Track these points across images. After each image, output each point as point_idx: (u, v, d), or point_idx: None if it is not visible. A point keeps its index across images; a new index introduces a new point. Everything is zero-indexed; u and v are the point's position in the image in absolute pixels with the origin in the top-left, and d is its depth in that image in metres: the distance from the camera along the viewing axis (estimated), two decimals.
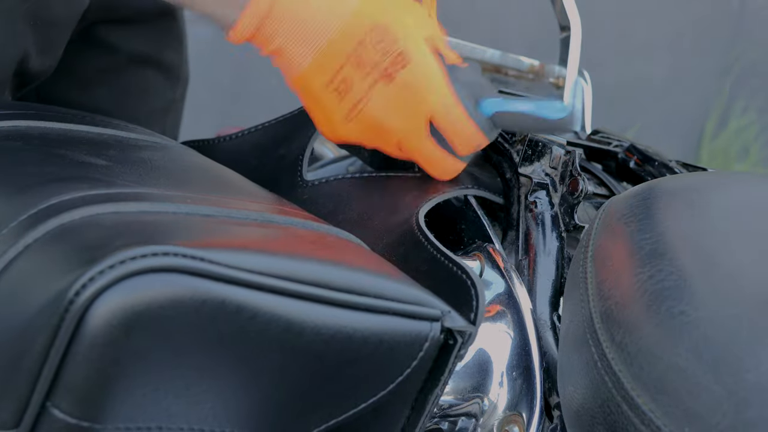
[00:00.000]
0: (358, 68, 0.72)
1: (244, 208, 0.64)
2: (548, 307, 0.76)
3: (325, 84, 0.73)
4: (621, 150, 0.89)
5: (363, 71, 0.73)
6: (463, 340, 0.61)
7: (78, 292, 0.50)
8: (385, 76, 0.73)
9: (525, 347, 0.72)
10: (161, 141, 0.79)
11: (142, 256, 0.51)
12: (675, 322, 0.58)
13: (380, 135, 0.75)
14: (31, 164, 0.64)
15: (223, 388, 0.55)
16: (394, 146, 0.76)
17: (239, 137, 0.88)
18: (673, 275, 0.61)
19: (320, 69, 0.73)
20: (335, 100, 0.74)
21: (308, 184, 0.81)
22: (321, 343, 0.57)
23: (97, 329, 0.50)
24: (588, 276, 0.66)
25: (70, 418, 0.51)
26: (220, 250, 0.54)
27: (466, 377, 0.72)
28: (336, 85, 0.73)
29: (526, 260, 0.77)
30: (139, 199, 0.59)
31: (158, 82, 1.04)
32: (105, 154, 0.69)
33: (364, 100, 0.73)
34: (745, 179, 0.77)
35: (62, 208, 0.57)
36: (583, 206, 0.81)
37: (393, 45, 0.72)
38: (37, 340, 0.51)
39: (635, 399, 0.57)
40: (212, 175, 0.74)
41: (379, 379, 0.60)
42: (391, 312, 0.59)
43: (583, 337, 0.63)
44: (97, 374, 0.51)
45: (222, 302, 0.53)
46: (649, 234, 0.65)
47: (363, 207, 0.78)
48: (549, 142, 0.80)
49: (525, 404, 0.71)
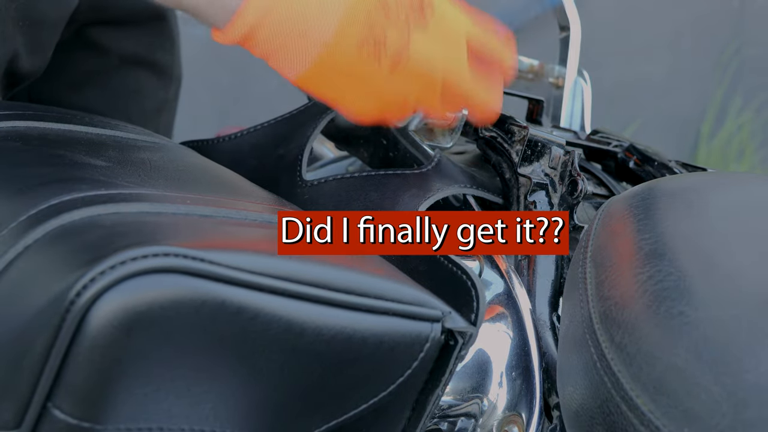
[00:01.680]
0: (389, 22, 0.71)
1: (244, 209, 0.64)
2: (547, 308, 0.76)
3: (357, 48, 0.71)
4: (620, 150, 0.89)
5: (394, 24, 0.71)
6: (464, 340, 0.61)
7: (79, 292, 0.50)
8: (418, 21, 0.72)
9: (524, 348, 0.72)
10: (160, 141, 0.79)
11: (142, 257, 0.51)
12: (674, 322, 0.58)
13: (425, 80, 0.73)
14: (30, 165, 0.64)
15: (224, 388, 0.55)
16: (438, 91, 0.75)
17: (238, 137, 0.88)
18: (672, 276, 0.61)
19: (345, 37, 0.70)
20: (374, 60, 0.71)
21: (308, 184, 0.81)
22: (322, 344, 0.57)
23: (98, 330, 0.50)
24: (587, 276, 0.66)
25: (71, 419, 0.51)
26: (221, 251, 0.54)
27: (466, 378, 0.72)
28: (369, 47, 0.71)
29: (525, 260, 0.78)
30: (139, 200, 0.59)
31: (150, 83, 1.04)
32: (104, 154, 0.69)
33: (405, 48, 0.72)
34: (744, 179, 0.77)
35: (62, 208, 0.57)
36: (582, 206, 0.81)
37: None
38: (38, 341, 0.51)
39: (634, 399, 0.57)
40: (211, 176, 0.74)
41: (380, 379, 0.60)
42: (391, 313, 0.59)
43: (582, 338, 0.63)
44: (98, 375, 0.51)
45: (222, 303, 0.53)
46: (648, 234, 0.65)
47: (363, 206, 0.78)
48: (548, 142, 0.80)
49: (524, 404, 0.71)
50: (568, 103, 0.97)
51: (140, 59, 1.01)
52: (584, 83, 0.98)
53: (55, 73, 0.95)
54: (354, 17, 0.70)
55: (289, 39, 0.70)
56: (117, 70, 1.00)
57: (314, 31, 0.70)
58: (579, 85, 0.97)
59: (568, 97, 0.97)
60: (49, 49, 0.90)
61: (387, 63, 0.71)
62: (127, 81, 1.02)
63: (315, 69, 0.71)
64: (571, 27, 0.96)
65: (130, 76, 1.02)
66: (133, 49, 1.00)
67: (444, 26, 0.73)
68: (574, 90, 0.97)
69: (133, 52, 1.00)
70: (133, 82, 1.02)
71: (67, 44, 0.95)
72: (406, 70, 0.72)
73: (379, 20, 0.71)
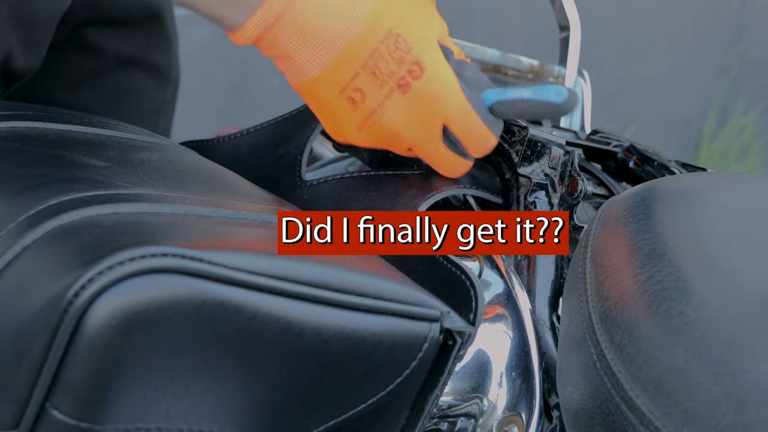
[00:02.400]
0: (373, 77, 0.71)
1: (243, 209, 0.64)
2: (547, 308, 0.76)
3: (338, 92, 0.72)
4: (620, 150, 0.89)
5: (378, 81, 0.71)
6: (463, 340, 0.61)
7: (77, 293, 0.50)
8: (400, 86, 0.72)
9: (524, 348, 0.72)
10: (160, 141, 0.79)
11: (141, 257, 0.51)
12: (674, 322, 0.58)
13: (393, 142, 0.75)
14: (29, 165, 0.64)
15: (222, 388, 0.55)
16: (404, 150, 0.76)
17: (238, 137, 0.88)
18: (672, 276, 0.61)
19: (332, 77, 0.71)
20: (349, 109, 0.73)
21: (307, 184, 0.81)
22: (320, 344, 0.57)
23: (96, 330, 0.50)
24: (587, 276, 0.66)
25: (69, 419, 0.51)
26: (219, 251, 0.54)
27: (465, 378, 0.72)
28: (349, 94, 0.72)
29: (525, 261, 0.77)
30: (137, 200, 0.59)
31: (147, 84, 1.04)
32: (103, 155, 0.69)
33: (379, 110, 0.72)
34: (744, 179, 0.77)
35: (61, 209, 0.56)
36: (582, 206, 0.81)
37: (408, 53, 0.71)
38: (36, 341, 0.51)
39: (634, 399, 0.57)
40: (211, 176, 0.74)
41: (379, 379, 0.60)
42: (390, 313, 0.59)
43: (582, 338, 0.63)
44: (96, 375, 0.51)
45: (221, 303, 0.53)
46: (648, 234, 0.65)
47: (362, 206, 0.78)
48: (548, 142, 0.80)
49: (524, 405, 0.71)
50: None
51: (136, 60, 1.01)
52: (584, 83, 0.98)
53: (50, 74, 0.95)
54: (349, 57, 0.71)
55: (305, 40, 0.70)
56: (112, 70, 1.00)
57: (331, 34, 0.70)
58: (579, 85, 0.98)
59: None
60: (43, 48, 0.90)
61: (360, 116, 0.73)
62: (124, 82, 1.01)
63: (309, 86, 0.72)
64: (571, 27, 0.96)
65: (126, 77, 1.01)
66: (129, 49, 1.00)
67: (422, 104, 0.73)
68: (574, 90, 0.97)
69: (128, 53, 1.00)
70: (129, 83, 1.02)
71: (62, 44, 0.94)
72: (375, 128, 0.74)
73: (366, 75, 0.71)
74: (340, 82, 0.72)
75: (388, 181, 0.79)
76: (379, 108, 0.72)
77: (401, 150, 0.76)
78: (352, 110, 0.73)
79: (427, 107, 0.73)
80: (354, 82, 0.71)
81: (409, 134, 0.74)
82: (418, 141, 0.74)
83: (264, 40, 0.71)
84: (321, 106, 0.74)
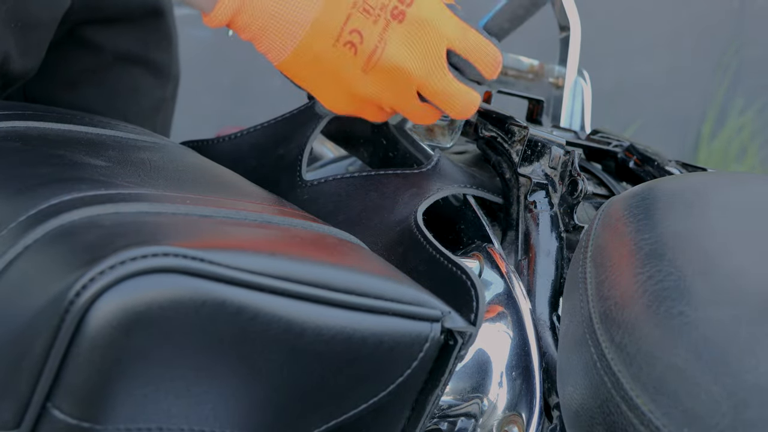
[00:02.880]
0: (366, 15, 0.71)
1: (243, 209, 0.64)
2: (548, 308, 0.76)
3: (334, 41, 0.72)
4: (620, 150, 0.89)
5: (372, 16, 0.71)
6: (464, 340, 0.61)
7: (78, 292, 0.50)
8: (395, 16, 0.71)
9: (524, 347, 0.72)
10: (160, 141, 0.79)
11: (142, 257, 0.51)
12: (674, 322, 0.58)
13: (401, 80, 0.74)
14: (30, 165, 0.64)
15: (224, 388, 0.55)
16: (413, 93, 0.75)
17: (238, 137, 0.88)
18: (672, 276, 0.61)
19: (325, 27, 0.71)
20: (349, 55, 0.72)
21: (307, 184, 0.81)
22: (321, 344, 0.57)
23: (98, 330, 0.50)
24: (587, 276, 0.66)
25: (70, 419, 0.51)
26: (220, 251, 0.54)
27: (466, 377, 0.72)
28: (346, 38, 0.71)
29: (525, 260, 0.77)
30: (138, 200, 0.59)
31: (147, 82, 1.03)
32: (104, 154, 0.69)
33: (380, 45, 0.72)
34: (744, 179, 0.77)
35: (62, 208, 0.57)
36: (582, 206, 0.81)
37: None
38: (38, 341, 0.51)
39: (634, 399, 0.57)
40: (211, 176, 0.74)
41: (380, 379, 0.60)
42: (391, 313, 0.59)
43: (582, 338, 0.63)
44: (98, 375, 0.51)
45: (222, 303, 0.53)
46: (648, 234, 0.65)
47: (362, 206, 0.78)
48: (548, 142, 0.80)
49: (524, 404, 0.71)
50: (568, 103, 0.97)
51: (135, 57, 1.01)
52: (584, 83, 0.98)
53: (49, 72, 0.95)
54: (334, 7, 0.70)
55: (271, 22, 0.70)
56: (112, 68, 1.00)
57: (294, 16, 0.71)
58: (579, 85, 0.98)
59: (568, 97, 0.97)
60: (42, 50, 0.90)
61: (362, 59, 0.72)
62: (123, 79, 1.01)
63: (295, 57, 0.72)
64: (571, 27, 0.96)
65: (125, 75, 1.01)
66: (128, 47, 1.00)
67: (421, 31, 0.72)
68: (574, 90, 0.97)
69: (127, 50, 1.00)
70: (129, 81, 1.02)
71: (61, 43, 0.94)
72: (380, 68, 0.73)
73: (358, 15, 0.71)
74: (334, 31, 0.71)
75: (388, 180, 0.79)
76: (380, 42, 0.72)
77: (411, 92, 0.75)
78: (353, 55, 0.72)
79: (427, 32, 0.72)
80: (348, 24, 0.71)
81: (415, 65, 0.73)
82: (425, 72, 0.73)
83: (242, 14, 0.71)
84: (319, 66, 0.73)
